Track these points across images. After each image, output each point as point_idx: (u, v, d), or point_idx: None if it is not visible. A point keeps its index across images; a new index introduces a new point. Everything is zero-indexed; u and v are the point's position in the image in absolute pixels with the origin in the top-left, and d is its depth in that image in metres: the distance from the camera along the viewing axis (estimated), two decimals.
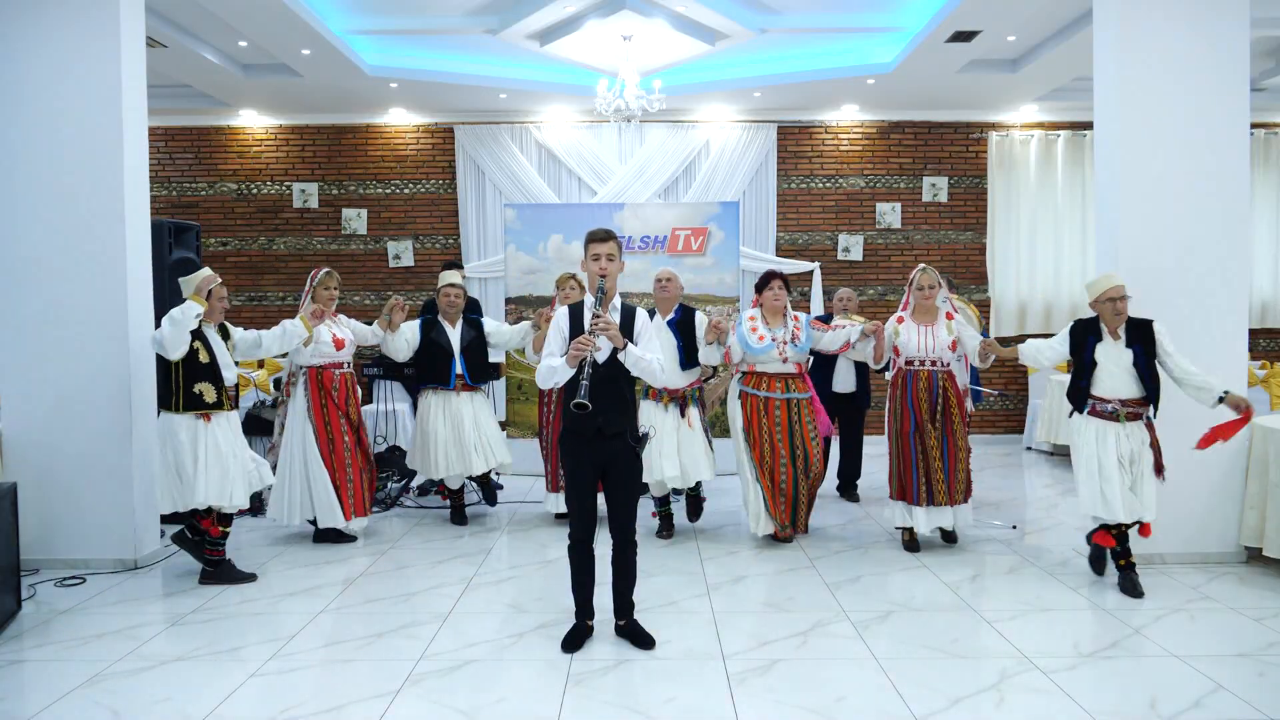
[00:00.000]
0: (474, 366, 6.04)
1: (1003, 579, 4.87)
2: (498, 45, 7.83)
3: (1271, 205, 9.66)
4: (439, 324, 6.04)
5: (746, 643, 3.94)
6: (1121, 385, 4.62)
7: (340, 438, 5.54)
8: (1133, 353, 4.58)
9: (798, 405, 5.42)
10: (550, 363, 3.78)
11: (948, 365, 5.28)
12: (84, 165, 5.02)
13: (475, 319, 6.17)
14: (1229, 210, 5.06)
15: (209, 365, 4.78)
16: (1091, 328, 4.73)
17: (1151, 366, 4.58)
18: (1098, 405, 4.67)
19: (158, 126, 9.39)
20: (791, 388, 5.43)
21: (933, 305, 5.33)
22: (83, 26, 5.00)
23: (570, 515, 3.90)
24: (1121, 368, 4.60)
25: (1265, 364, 8.15)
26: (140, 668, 3.72)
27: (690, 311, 5.69)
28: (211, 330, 4.89)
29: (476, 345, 6.07)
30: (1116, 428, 4.62)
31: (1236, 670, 3.62)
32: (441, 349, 5.97)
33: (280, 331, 5.31)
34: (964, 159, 9.69)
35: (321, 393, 5.53)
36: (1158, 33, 5.02)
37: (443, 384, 5.98)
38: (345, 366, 5.66)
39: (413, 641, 3.98)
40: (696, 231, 7.87)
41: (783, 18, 7.45)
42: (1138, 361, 4.57)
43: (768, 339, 5.38)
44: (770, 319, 5.46)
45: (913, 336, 5.28)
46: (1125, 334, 4.64)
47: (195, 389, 4.73)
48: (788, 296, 5.50)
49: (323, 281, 5.59)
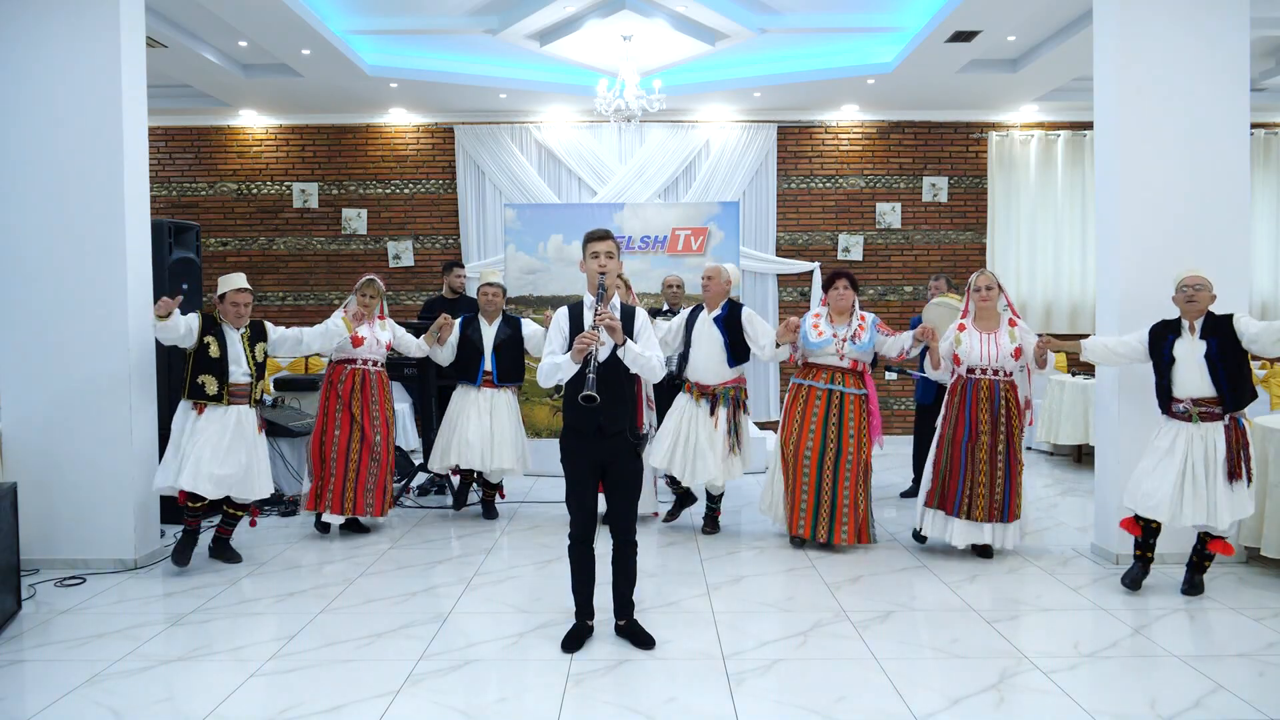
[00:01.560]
0: (504, 366, 6.07)
1: (1003, 579, 4.87)
2: (498, 45, 7.84)
3: (1271, 205, 9.67)
4: (477, 321, 6.12)
5: (746, 643, 3.94)
6: (1195, 382, 4.44)
7: (332, 431, 5.63)
8: (1206, 345, 4.41)
9: (839, 398, 5.31)
10: (553, 360, 3.78)
11: (1010, 375, 5.08)
12: (84, 165, 5.02)
13: (516, 319, 6.21)
14: (1229, 210, 5.06)
15: (218, 360, 4.97)
16: (1171, 325, 4.58)
17: (1232, 363, 4.36)
18: (1174, 406, 4.52)
19: (158, 126, 9.39)
20: (838, 380, 5.33)
21: (994, 310, 5.13)
22: (83, 27, 5.00)
23: (570, 514, 3.90)
24: (1195, 362, 4.42)
25: (1265, 364, 8.15)
26: (140, 668, 3.72)
27: (738, 307, 5.61)
28: (232, 330, 5.07)
29: (511, 344, 6.09)
30: (1190, 429, 4.45)
31: (1236, 670, 3.61)
32: (473, 346, 6.05)
33: (322, 330, 5.52)
34: (964, 159, 9.69)
35: (329, 384, 5.70)
36: (1158, 33, 5.02)
37: (469, 380, 6.05)
38: (360, 364, 5.72)
39: (413, 641, 3.98)
40: (696, 231, 7.88)
41: (783, 18, 7.46)
42: (1210, 353, 4.39)
43: (826, 334, 5.32)
44: (835, 317, 5.39)
45: (974, 345, 5.09)
46: (1201, 327, 4.48)
47: (199, 380, 4.95)
48: (855, 296, 5.39)
49: (361, 289, 5.77)
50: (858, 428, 5.30)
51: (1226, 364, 4.38)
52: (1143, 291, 5.03)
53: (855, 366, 5.38)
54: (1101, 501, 5.26)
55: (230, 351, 5.03)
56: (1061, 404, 8.08)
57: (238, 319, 5.07)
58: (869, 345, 5.34)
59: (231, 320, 5.06)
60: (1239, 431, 4.43)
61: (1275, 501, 4.77)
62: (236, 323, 5.07)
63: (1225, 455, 4.39)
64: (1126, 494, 4.66)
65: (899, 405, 9.69)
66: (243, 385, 5.07)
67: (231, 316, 5.05)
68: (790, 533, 5.41)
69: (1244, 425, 4.45)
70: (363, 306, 5.71)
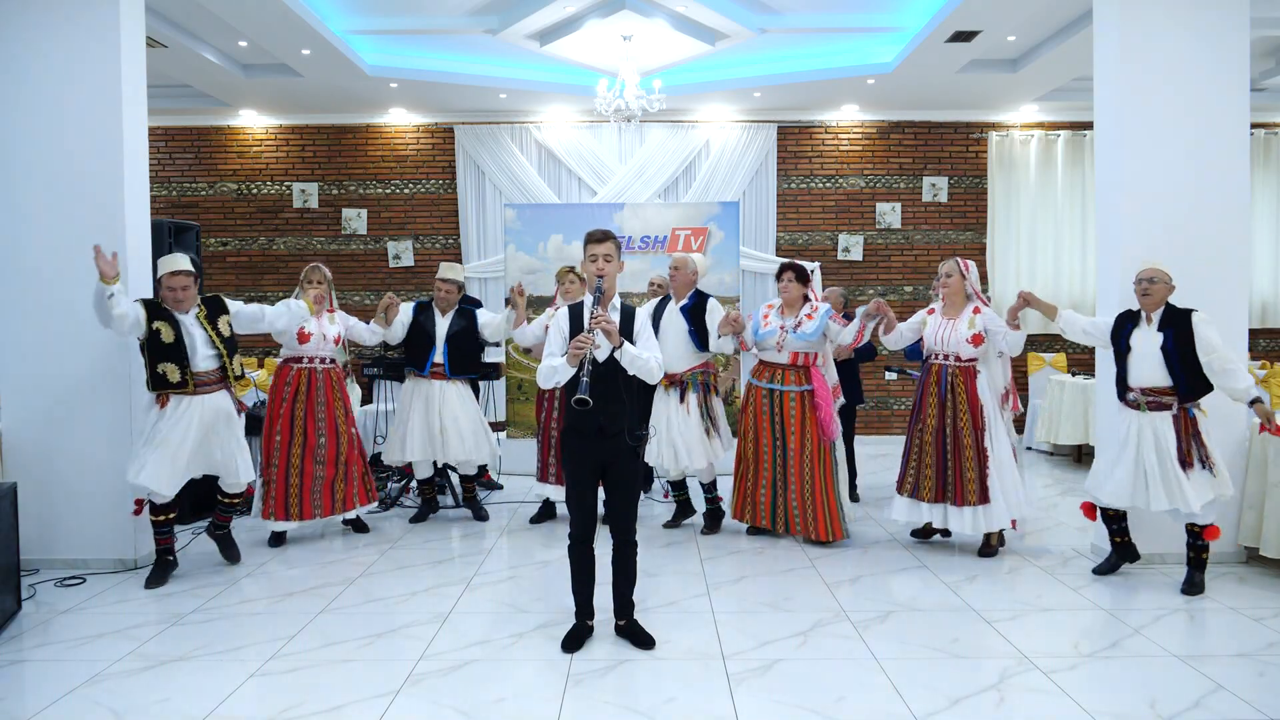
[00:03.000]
0: (456, 358, 5.99)
1: (1003, 579, 4.87)
2: (498, 45, 7.84)
3: (1271, 205, 9.67)
4: (431, 309, 6.05)
5: (746, 643, 3.94)
6: (1148, 372, 4.56)
7: (272, 436, 5.48)
8: (1163, 336, 4.51)
9: (781, 397, 5.39)
10: (551, 362, 3.78)
11: (966, 361, 5.16)
12: (84, 165, 5.02)
13: (469, 309, 6.12)
14: (1229, 210, 5.06)
15: (174, 345, 4.69)
16: (1132, 315, 4.70)
17: (1185, 356, 4.46)
18: (1128, 395, 4.64)
19: (158, 126, 9.39)
20: (778, 379, 5.41)
21: (958, 296, 5.20)
22: (83, 27, 5.00)
23: (570, 514, 3.90)
24: (1149, 353, 4.54)
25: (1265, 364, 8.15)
26: (140, 668, 3.72)
27: (704, 297, 5.70)
28: (186, 316, 4.77)
29: (464, 336, 6.00)
30: (1140, 417, 4.57)
31: (1236, 670, 3.62)
32: (425, 334, 5.96)
33: (284, 308, 5.31)
34: (964, 159, 9.69)
35: (275, 385, 5.54)
36: (1158, 33, 5.02)
37: (419, 369, 5.98)
38: (308, 362, 5.55)
39: (413, 641, 3.98)
40: (696, 231, 7.87)
41: (783, 18, 7.45)
42: (1166, 346, 4.49)
43: (773, 325, 5.40)
44: (786, 309, 5.45)
45: (934, 329, 5.24)
46: (1159, 319, 4.59)
47: (159, 369, 4.69)
48: (805, 288, 5.43)
49: (306, 275, 5.62)
50: (799, 423, 5.35)
51: (1182, 356, 4.47)
52: None
53: (796, 361, 5.40)
54: None
55: (187, 334, 4.73)
56: (1061, 404, 8.08)
57: (177, 304, 4.75)
58: (814, 335, 5.33)
59: (172, 306, 4.75)
60: (1189, 421, 4.52)
61: (1275, 501, 4.77)
62: (178, 308, 4.76)
63: (1175, 445, 4.49)
64: (1089, 482, 4.81)
65: (899, 405, 9.69)
66: (211, 370, 4.81)
67: (170, 303, 4.75)
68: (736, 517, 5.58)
69: (1195, 415, 4.55)
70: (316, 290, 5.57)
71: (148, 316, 4.68)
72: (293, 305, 5.34)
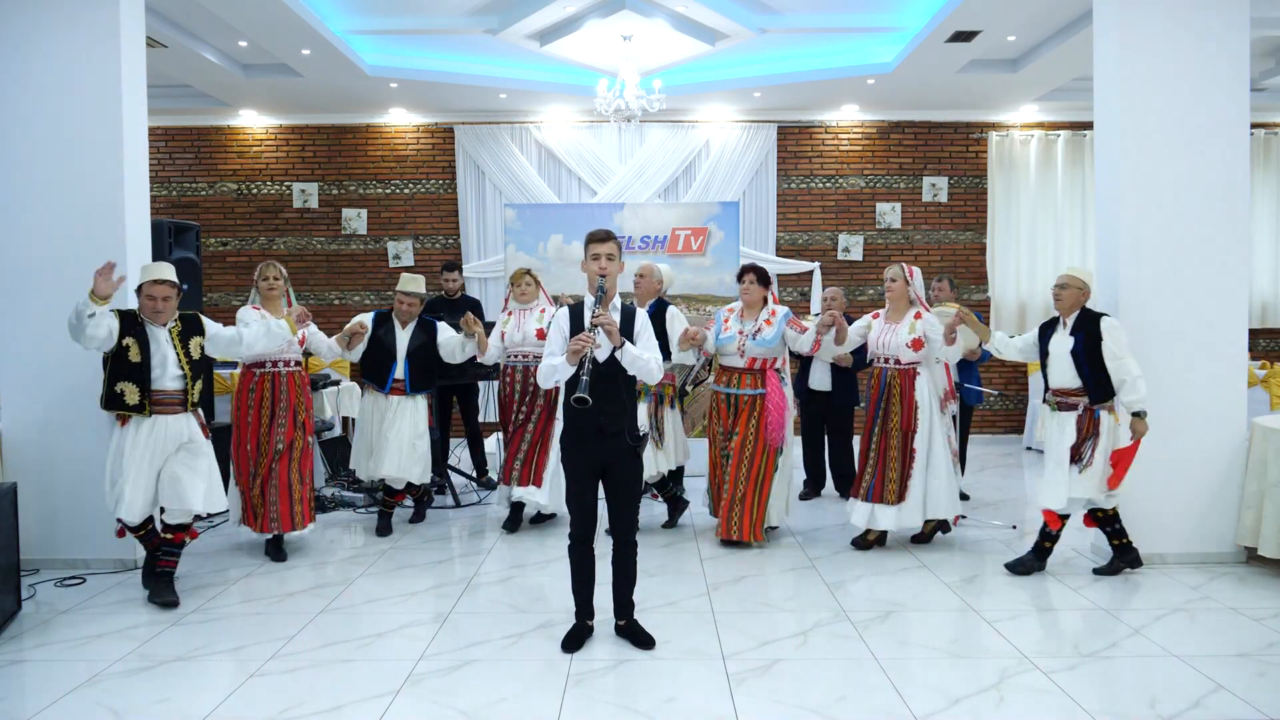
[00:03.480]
0: (417, 372, 5.79)
1: (1003, 579, 4.87)
2: (498, 45, 7.84)
3: (1271, 205, 9.67)
4: (390, 322, 5.82)
5: (746, 643, 3.94)
6: (1061, 374, 4.80)
7: (243, 445, 5.23)
8: (1073, 340, 4.73)
9: (736, 400, 5.39)
10: (551, 361, 3.79)
11: (906, 365, 5.25)
12: (84, 165, 5.02)
13: (432, 323, 5.91)
14: (1229, 210, 5.06)
15: (138, 365, 4.39)
16: (1053, 322, 4.95)
17: (1093, 359, 4.67)
18: (1045, 396, 4.94)
19: (158, 126, 9.39)
20: (736, 383, 5.41)
21: (901, 301, 5.34)
22: (83, 27, 5.00)
23: (570, 515, 3.90)
24: (1061, 355, 4.78)
25: (1265, 364, 8.15)
26: (140, 668, 3.72)
27: (665, 305, 5.71)
28: (159, 330, 4.48)
29: (425, 351, 5.81)
30: (1054, 417, 4.85)
31: (1236, 670, 3.62)
32: (385, 349, 5.76)
33: (264, 330, 4.93)
34: (964, 159, 9.69)
35: (239, 392, 5.30)
36: (1158, 33, 5.02)
37: (378, 385, 5.77)
38: (271, 366, 5.26)
39: (413, 641, 3.98)
40: (696, 231, 7.88)
41: (783, 18, 7.45)
42: (1076, 350, 4.70)
43: (733, 330, 5.40)
44: (745, 313, 5.45)
45: (877, 333, 5.38)
46: (1072, 324, 4.81)
47: (117, 388, 4.40)
48: (766, 290, 5.44)
49: (260, 272, 5.31)
50: (745, 428, 5.34)
51: (1090, 359, 4.66)
52: (1142, 291, 5.03)
53: (754, 365, 5.40)
54: None
55: (155, 354, 4.44)
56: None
57: (155, 314, 4.45)
58: (774, 340, 5.33)
59: (149, 316, 4.46)
60: (1092, 421, 4.72)
61: (1274, 501, 4.77)
62: (155, 319, 4.46)
63: (1073, 441, 4.70)
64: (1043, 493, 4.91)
65: None
66: (172, 392, 4.48)
67: (148, 312, 4.45)
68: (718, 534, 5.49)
69: (1100, 416, 4.72)
70: (264, 294, 5.25)
71: (120, 331, 4.39)
72: (273, 327, 4.96)
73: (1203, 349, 5.03)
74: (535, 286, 5.91)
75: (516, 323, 5.84)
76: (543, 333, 5.68)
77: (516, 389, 5.79)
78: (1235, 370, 5.09)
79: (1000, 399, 9.58)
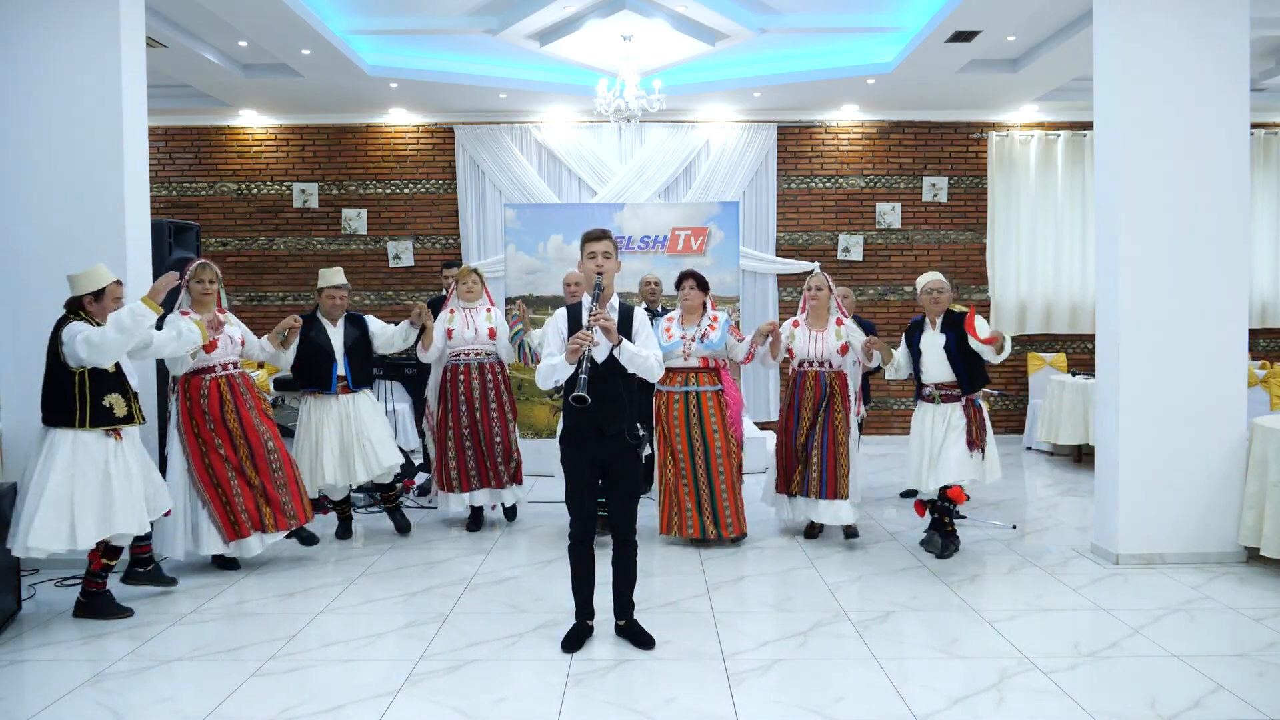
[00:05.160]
0: (357, 368, 5.63)
1: (1003, 579, 4.87)
2: (498, 45, 7.84)
3: (1271, 205, 9.67)
4: (318, 322, 5.60)
5: (746, 643, 3.94)
6: (938, 370, 5.16)
7: (214, 451, 4.89)
8: (945, 338, 5.11)
9: (697, 397, 5.44)
10: (549, 361, 3.79)
11: (837, 367, 5.50)
12: (84, 165, 5.02)
13: (359, 316, 5.78)
14: (1229, 210, 5.06)
15: (116, 375, 4.23)
16: (920, 323, 5.32)
17: (965, 353, 5.06)
18: (923, 390, 5.25)
19: (158, 126, 9.39)
20: (693, 380, 5.45)
21: (824, 309, 5.57)
22: (83, 27, 5.00)
23: (570, 515, 3.90)
24: (936, 354, 5.15)
25: (1265, 364, 8.15)
26: (140, 668, 3.72)
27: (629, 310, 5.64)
28: None
29: (360, 345, 5.67)
30: (933, 409, 5.17)
31: (1236, 670, 3.62)
32: (321, 350, 5.53)
33: (175, 334, 4.54)
34: (964, 159, 9.69)
35: (189, 403, 4.89)
36: (1158, 33, 5.02)
37: (323, 388, 5.55)
38: (221, 370, 4.97)
39: (413, 641, 3.98)
40: (696, 231, 7.88)
41: (783, 18, 7.45)
42: (949, 346, 5.09)
43: (675, 337, 5.46)
44: (686, 318, 5.53)
45: (804, 340, 5.54)
46: (941, 323, 5.19)
47: (104, 401, 4.16)
48: (705, 296, 5.53)
49: (194, 274, 4.93)
50: (721, 422, 5.46)
51: (964, 354, 5.08)
52: (1143, 291, 5.03)
53: (707, 364, 5.50)
54: (1101, 501, 5.26)
55: (124, 362, 4.31)
56: (1061, 404, 8.08)
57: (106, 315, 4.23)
58: (719, 344, 5.45)
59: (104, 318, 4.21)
60: (975, 410, 5.14)
61: (1275, 501, 4.77)
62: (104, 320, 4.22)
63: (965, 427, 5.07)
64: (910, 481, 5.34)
65: (899, 405, 9.69)
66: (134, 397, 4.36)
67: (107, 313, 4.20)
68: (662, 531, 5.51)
69: (980, 405, 5.18)
70: (199, 297, 4.91)
71: None
72: (182, 329, 4.57)
73: (1203, 349, 5.03)
74: (480, 285, 5.95)
75: (465, 320, 5.82)
76: (494, 331, 5.82)
77: (474, 387, 5.73)
78: (1235, 370, 5.09)
79: (1000, 399, 9.58)
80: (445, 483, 5.83)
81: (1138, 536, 4.99)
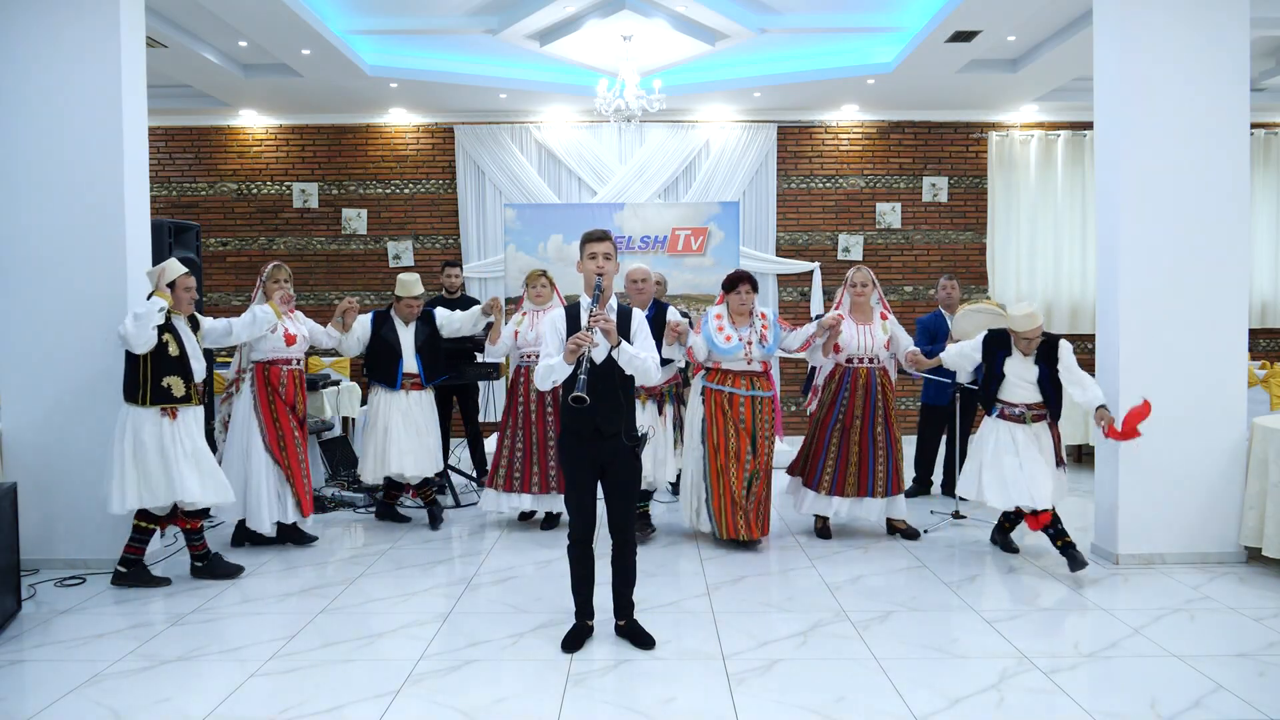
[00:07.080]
0: (429, 365, 5.94)
1: (1003, 579, 4.87)
2: (498, 45, 7.84)
3: (1271, 205, 9.67)
4: (391, 320, 5.91)
5: (746, 643, 3.94)
6: (1025, 394, 4.99)
7: (290, 433, 5.37)
8: (1038, 370, 4.94)
9: (760, 403, 5.40)
10: (548, 362, 3.78)
11: (883, 363, 5.53)
12: (84, 165, 5.02)
13: (428, 311, 6.05)
14: (1229, 210, 5.06)
15: (178, 358, 4.66)
16: (1002, 342, 5.07)
17: (1054, 380, 4.94)
18: (1006, 409, 5.03)
19: (158, 126, 9.39)
20: (756, 385, 5.42)
21: (867, 304, 5.53)
22: (83, 27, 5.00)
23: (570, 516, 3.90)
24: (1028, 381, 4.98)
25: (1265, 364, 8.15)
26: (140, 668, 3.72)
27: (664, 307, 5.60)
28: (182, 322, 4.75)
29: (431, 343, 5.96)
30: (1023, 428, 4.98)
31: (1236, 670, 3.62)
32: (390, 347, 5.84)
33: (250, 318, 5.15)
34: (964, 159, 9.69)
35: (269, 389, 5.34)
36: (1158, 32, 5.02)
37: (388, 384, 5.85)
38: (295, 363, 5.47)
39: (413, 641, 3.98)
40: (696, 231, 7.88)
41: (783, 18, 7.46)
42: (1041, 377, 4.94)
43: (735, 339, 5.32)
44: (736, 319, 5.41)
45: (852, 335, 5.47)
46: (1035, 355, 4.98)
47: (164, 382, 4.62)
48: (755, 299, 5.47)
49: (271, 275, 5.36)
50: (772, 430, 5.47)
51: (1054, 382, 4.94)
52: (1143, 291, 5.03)
53: (767, 368, 5.52)
54: (1101, 501, 5.27)
55: (189, 348, 4.73)
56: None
57: (186, 308, 4.76)
58: (775, 346, 5.46)
59: (183, 310, 4.74)
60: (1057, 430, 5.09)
61: (1275, 501, 4.77)
62: (186, 310, 4.76)
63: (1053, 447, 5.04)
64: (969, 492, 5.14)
65: (899, 405, 9.68)
66: (202, 382, 4.80)
67: (184, 305, 4.74)
68: (724, 536, 5.38)
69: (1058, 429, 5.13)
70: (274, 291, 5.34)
71: (159, 328, 4.60)
72: (258, 313, 5.17)
73: (1203, 349, 5.03)
74: (550, 288, 5.93)
75: (531, 323, 5.87)
76: None
77: (533, 391, 5.80)
78: (1235, 370, 5.09)
79: None
80: (498, 480, 5.85)
81: (1137, 536, 4.99)
